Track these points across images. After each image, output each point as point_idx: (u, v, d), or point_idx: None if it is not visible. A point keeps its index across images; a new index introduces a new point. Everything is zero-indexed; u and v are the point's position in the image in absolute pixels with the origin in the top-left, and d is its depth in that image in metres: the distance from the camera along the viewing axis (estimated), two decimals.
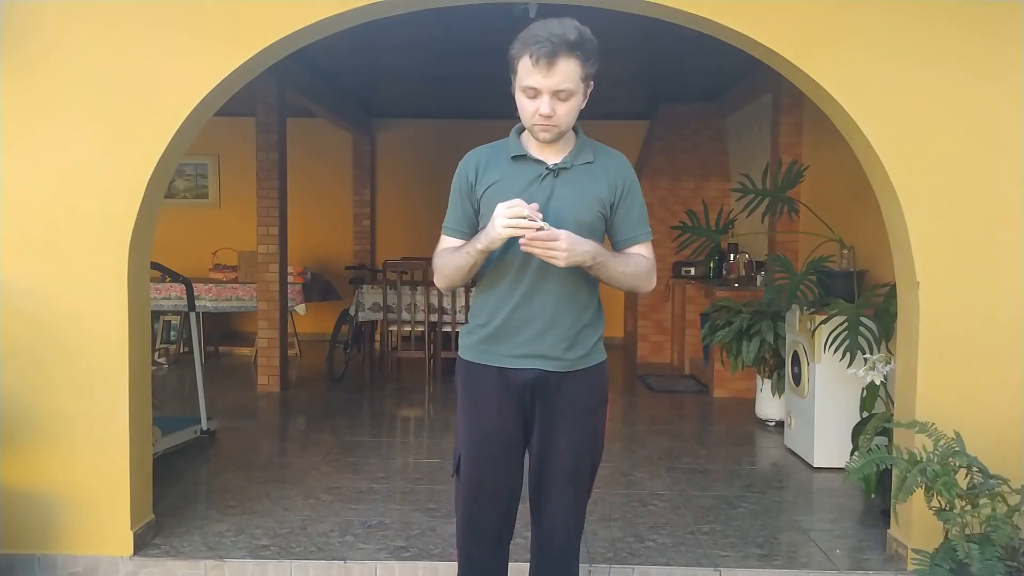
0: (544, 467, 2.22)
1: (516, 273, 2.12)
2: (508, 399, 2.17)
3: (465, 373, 2.25)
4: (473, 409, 2.23)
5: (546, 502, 2.23)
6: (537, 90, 1.98)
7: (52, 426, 3.12)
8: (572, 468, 2.22)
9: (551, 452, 2.20)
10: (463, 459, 2.23)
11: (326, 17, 3.07)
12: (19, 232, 3.11)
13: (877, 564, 3.18)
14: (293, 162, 6.92)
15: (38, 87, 3.10)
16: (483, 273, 2.17)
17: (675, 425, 5.64)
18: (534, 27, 1.98)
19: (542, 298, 2.12)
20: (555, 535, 2.24)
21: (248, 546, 3.26)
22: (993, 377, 3.06)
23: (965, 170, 3.05)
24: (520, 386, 2.17)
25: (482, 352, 2.19)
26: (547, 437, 2.20)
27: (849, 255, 4.61)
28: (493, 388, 2.18)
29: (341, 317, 7.21)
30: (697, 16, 3.07)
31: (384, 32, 4.21)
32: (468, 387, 2.24)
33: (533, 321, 2.13)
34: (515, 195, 2.01)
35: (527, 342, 2.14)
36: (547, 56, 1.93)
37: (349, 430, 5.35)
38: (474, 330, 2.22)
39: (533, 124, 2.04)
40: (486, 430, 2.20)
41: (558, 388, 2.18)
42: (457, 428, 2.29)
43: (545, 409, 2.19)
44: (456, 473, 2.26)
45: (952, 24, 3.03)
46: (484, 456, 2.21)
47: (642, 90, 8.00)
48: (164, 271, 4.78)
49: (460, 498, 2.27)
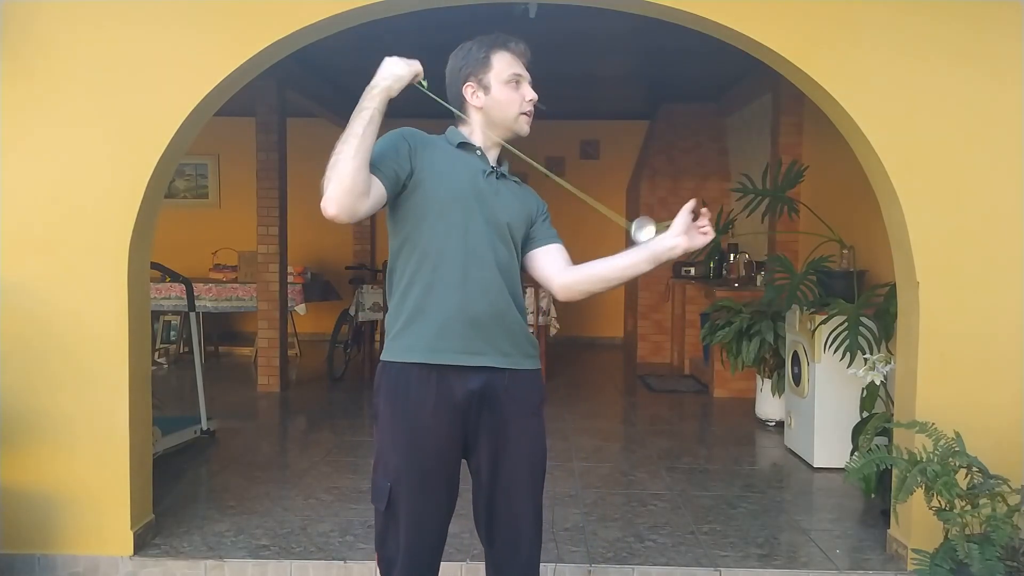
0: (497, 480, 2.03)
1: (440, 254, 1.95)
2: (447, 410, 1.96)
3: (393, 379, 1.99)
4: (406, 425, 1.97)
5: (507, 517, 2.06)
6: (522, 76, 2.03)
7: (52, 426, 3.12)
8: (529, 477, 2.06)
9: (503, 463, 2.02)
10: (395, 492, 1.96)
11: (326, 17, 3.08)
12: (19, 232, 3.11)
13: (877, 564, 3.18)
14: (293, 162, 6.91)
15: (38, 87, 3.10)
16: (396, 263, 2.00)
17: (675, 425, 5.64)
18: (481, 38, 2.05)
19: (484, 286, 1.97)
20: (520, 549, 2.06)
21: (248, 546, 3.26)
22: (993, 377, 3.06)
23: (965, 170, 3.05)
24: (464, 394, 1.97)
25: (418, 348, 1.95)
26: (498, 447, 2.02)
27: (849, 255, 4.61)
28: (430, 397, 1.95)
29: (341, 317, 7.21)
30: (697, 16, 3.07)
31: (384, 32, 4.21)
32: (399, 398, 1.97)
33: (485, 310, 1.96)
34: (464, 178, 1.99)
35: (475, 337, 1.96)
36: (525, 48, 2.02)
37: (349, 430, 5.35)
38: (407, 326, 1.96)
39: (521, 113, 2.04)
40: (425, 454, 1.97)
41: (506, 392, 2.01)
42: (382, 452, 2.00)
43: (491, 417, 2.01)
44: (388, 508, 1.98)
45: (952, 24, 3.03)
46: (424, 481, 1.97)
47: (642, 90, 8.00)
48: (164, 271, 4.79)
49: (396, 536, 2.00)
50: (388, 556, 2.03)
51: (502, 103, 2.03)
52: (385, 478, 1.99)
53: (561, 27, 5.45)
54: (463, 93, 2.06)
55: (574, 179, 2.65)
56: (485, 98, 2.03)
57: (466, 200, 1.98)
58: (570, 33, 5.72)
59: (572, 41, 5.98)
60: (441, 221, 1.96)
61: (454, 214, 1.96)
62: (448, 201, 1.96)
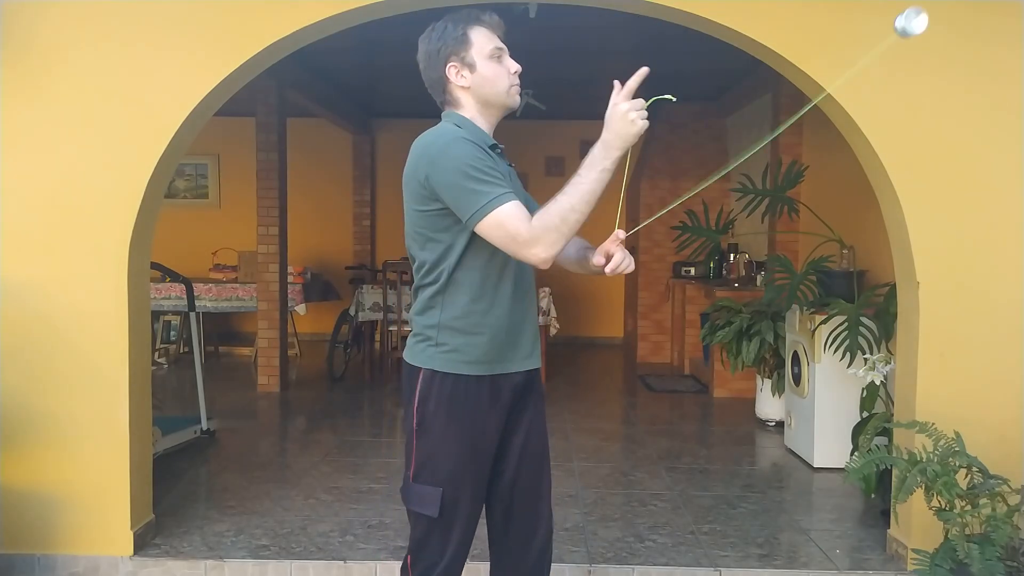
0: (522, 464, 2.09)
1: (502, 269, 1.96)
2: (499, 411, 2.02)
3: (450, 389, 1.97)
4: (464, 433, 1.98)
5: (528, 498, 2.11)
6: (503, 49, 1.99)
7: (52, 426, 3.12)
8: (544, 461, 2.15)
9: (527, 449, 2.09)
10: (451, 496, 1.96)
11: (326, 17, 3.08)
12: (20, 232, 3.11)
13: (877, 564, 3.18)
14: (293, 162, 6.92)
15: (39, 87, 3.10)
16: (455, 274, 1.94)
17: (675, 425, 5.64)
18: (453, 15, 2.00)
19: (527, 294, 2.05)
20: (539, 528, 2.13)
21: (248, 546, 3.27)
22: (993, 377, 3.06)
23: (965, 170, 3.05)
24: (509, 393, 2.03)
25: (473, 362, 1.96)
26: (525, 436, 2.09)
27: (849, 255, 4.61)
28: (485, 401, 1.99)
29: (341, 317, 7.21)
30: (697, 16, 3.07)
31: (384, 32, 4.21)
32: (457, 407, 1.97)
33: (526, 318, 2.04)
34: (514, 184, 1.98)
35: (526, 343, 2.04)
36: (496, 16, 1.99)
37: (349, 430, 5.35)
38: (473, 340, 1.96)
39: (512, 86, 1.99)
40: (481, 457, 2.01)
41: (532, 385, 2.10)
42: (432, 459, 1.98)
43: (522, 410, 2.08)
44: (441, 515, 1.96)
45: (952, 24, 3.03)
46: (476, 487, 2.01)
47: (642, 90, 7.97)
48: (164, 271, 4.79)
49: (444, 541, 2.00)
50: (428, 562, 2.02)
51: (490, 79, 1.97)
52: (435, 484, 1.97)
53: (561, 27, 5.45)
54: (446, 75, 1.98)
55: None
56: (472, 76, 1.97)
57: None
58: (570, 33, 5.72)
59: (572, 41, 5.98)
60: None
61: None
62: None
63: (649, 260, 8.13)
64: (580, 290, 9.19)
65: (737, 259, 7.04)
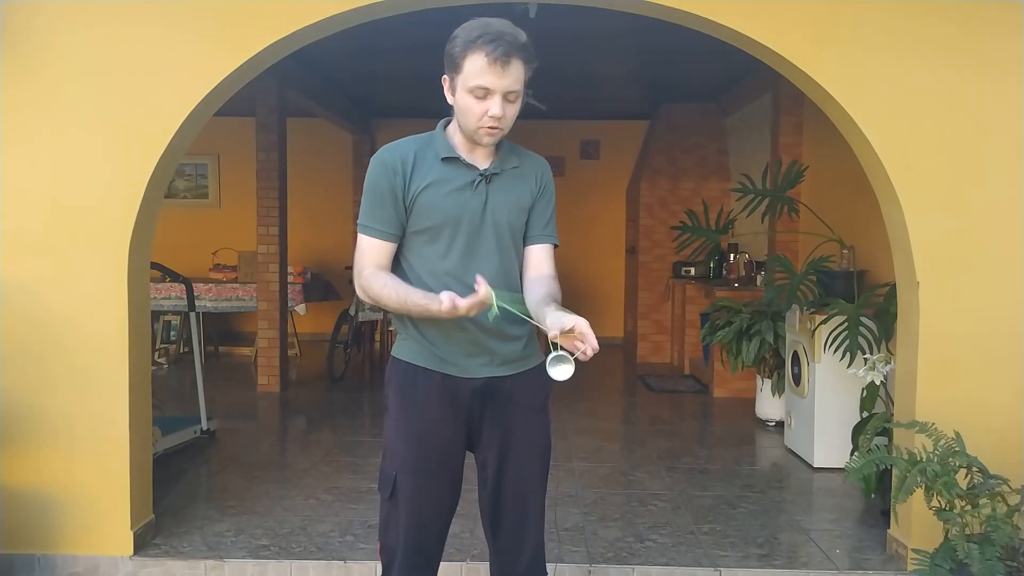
0: (504, 472, 2.08)
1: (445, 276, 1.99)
2: (452, 407, 2.03)
3: (402, 376, 2.05)
4: (412, 419, 2.04)
5: (513, 506, 2.10)
6: (488, 91, 1.88)
7: (52, 426, 3.12)
8: (534, 469, 2.11)
9: (510, 457, 2.07)
10: (400, 480, 2.03)
11: (326, 17, 3.08)
12: (19, 232, 3.11)
13: (877, 564, 3.18)
14: (293, 162, 6.91)
15: (38, 88, 3.10)
16: (407, 274, 2.02)
17: (675, 425, 5.64)
18: (475, 25, 1.89)
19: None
20: (526, 538, 2.11)
21: (248, 546, 3.26)
22: (993, 377, 3.06)
23: (965, 170, 3.05)
24: (468, 393, 2.03)
25: (424, 354, 2.02)
26: (506, 442, 2.07)
27: (849, 255, 4.61)
28: (434, 393, 2.02)
29: (341, 317, 7.21)
30: (697, 16, 3.07)
31: (384, 32, 4.22)
32: (407, 394, 2.04)
33: (483, 328, 1.99)
34: (451, 200, 1.97)
35: (486, 351, 2.02)
36: (503, 55, 1.84)
37: (349, 430, 5.35)
38: (424, 335, 2.02)
39: (479, 127, 1.92)
40: (430, 450, 2.03)
41: (512, 390, 2.06)
42: (389, 441, 2.09)
43: (497, 413, 2.06)
44: (391, 496, 2.04)
45: (952, 24, 3.03)
46: (427, 471, 2.04)
47: (642, 90, 8.00)
48: (164, 271, 4.79)
49: (397, 524, 2.06)
50: (390, 545, 2.09)
51: (462, 111, 1.94)
52: (391, 467, 2.06)
53: (561, 27, 5.44)
54: (442, 81, 1.99)
55: (574, 179, 2.64)
56: (453, 98, 1.96)
57: (457, 222, 1.98)
58: (570, 33, 5.72)
59: (572, 41, 5.97)
60: (436, 244, 1.99)
61: (444, 237, 1.99)
62: (439, 227, 1.98)
63: (649, 260, 8.13)
64: (580, 290, 9.19)
65: (737, 259, 7.04)
